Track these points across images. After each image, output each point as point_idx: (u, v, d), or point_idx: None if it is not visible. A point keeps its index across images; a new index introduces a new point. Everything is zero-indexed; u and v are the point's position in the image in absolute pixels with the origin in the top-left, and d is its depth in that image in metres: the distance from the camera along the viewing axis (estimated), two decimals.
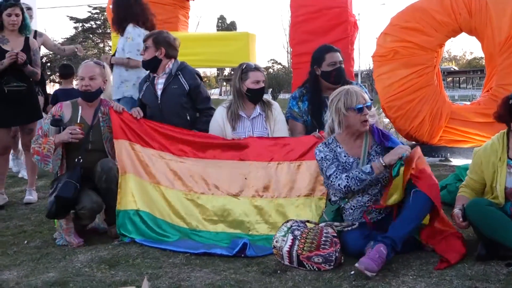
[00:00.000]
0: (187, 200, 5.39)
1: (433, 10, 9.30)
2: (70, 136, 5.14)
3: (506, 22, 9.06)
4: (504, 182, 4.52)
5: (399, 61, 9.32)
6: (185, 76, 5.98)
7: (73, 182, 5.06)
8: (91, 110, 5.44)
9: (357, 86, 4.85)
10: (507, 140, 4.62)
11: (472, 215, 4.43)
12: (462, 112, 9.64)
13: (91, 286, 4.09)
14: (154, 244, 5.03)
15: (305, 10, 9.38)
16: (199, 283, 4.11)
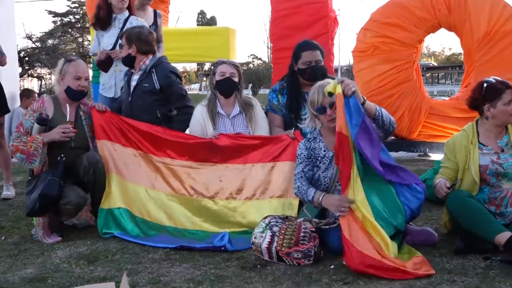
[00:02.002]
0: (168, 200, 5.39)
1: (413, 6, 9.35)
2: (62, 135, 5.11)
3: (485, 18, 9.13)
4: (477, 162, 4.60)
5: (379, 56, 9.36)
6: (158, 74, 5.91)
7: (56, 179, 5.01)
8: (73, 108, 5.40)
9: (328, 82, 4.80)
10: (476, 127, 4.74)
11: (452, 206, 4.49)
12: (441, 107, 9.71)
13: (69, 282, 4.06)
14: (134, 239, 5.02)
15: (286, 5, 9.40)
16: (178, 278, 4.10)
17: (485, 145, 4.67)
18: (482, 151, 4.65)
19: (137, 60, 5.95)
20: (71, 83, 5.33)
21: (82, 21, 46.56)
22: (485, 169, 4.60)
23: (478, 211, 4.37)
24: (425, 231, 4.75)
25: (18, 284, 4.05)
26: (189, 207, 5.35)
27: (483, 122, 4.72)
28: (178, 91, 6.03)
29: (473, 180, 4.60)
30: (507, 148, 4.63)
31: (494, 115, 4.60)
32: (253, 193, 5.32)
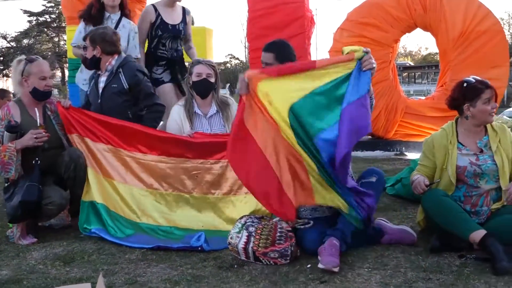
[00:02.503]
0: (140, 195, 5.39)
1: (389, 6, 9.42)
2: (35, 140, 5.05)
3: (460, 18, 9.22)
4: (455, 162, 4.64)
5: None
6: (125, 73, 5.83)
7: (35, 184, 4.97)
8: (39, 108, 5.35)
9: None
10: (455, 127, 4.77)
11: (427, 205, 4.52)
12: (417, 106, 9.79)
13: (45, 283, 4.04)
14: (111, 238, 5.01)
15: (262, 5, 9.40)
16: (155, 279, 4.09)
17: (464, 146, 4.70)
18: (461, 152, 4.67)
19: (103, 61, 5.87)
20: (36, 84, 5.23)
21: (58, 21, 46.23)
22: (463, 171, 4.62)
23: (453, 210, 4.40)
24: (403, 230, 4.79)
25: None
26: (162, 202, 5.35)
27: (463, 122, 4.74)
28: (146, 90, 5.94)
29: (450, 180, 4.64)
30: (486, 149, 4.65)
31: (473, 115, 4.64)
32: (229, 189, 5.35)
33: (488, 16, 9.34)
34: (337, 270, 4.05)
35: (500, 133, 4.69)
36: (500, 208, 4.60)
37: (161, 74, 6.95)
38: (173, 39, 7.04)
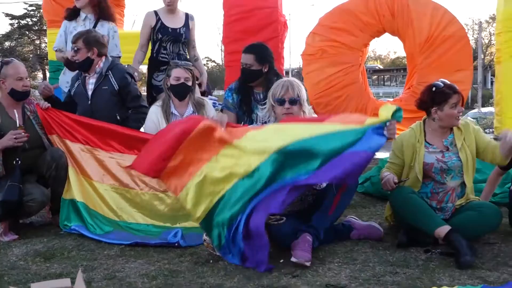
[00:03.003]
0: (117, 193, 5.38)
1: (359, 11, 9.44)
2: (14, 141, 5.03)
3: (426, 24, 9.28)
4: (422, 159, 4.70)
5: (327, 59, 9.43)
6: (115, 75, 5.85)
7: (16, 184, 4.96)
8: (18, 109, 5.31)
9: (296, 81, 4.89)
10: (423, 126, 4.83)
11: (395, 202, 4.57)
12: None
13: (26, 278, 4.01)
14: (90, 235, 5.00)
15: (237, 10, 9.39)
16: (133, 274, 4.08)
17: (431, 144, 4.75)
18: (428, 150, 4.74)
19: (94, 63, 5.86)
20: (14, 85, 5.21)
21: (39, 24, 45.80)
22: (430, 167, 4.69)
23: (420, 207, 4.46)
24: (371, 226, 4.83)
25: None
26: (139, 201, 5.35)
27: (430, 122, 4.80)
28: (134, 92, 5.98)
29: (416, 177, 4.68)
30: (452, 146, 4.72)
31: (440, 118, 4.69)
32: None
33: (453, 22, 9.41)
34: (309, 264, 4.08)
35: (464, 130, 4.76)
36: (464, 204, 4.66)
37: (161, 81, 6.89)
38: (173, 43, 6.96)
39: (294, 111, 4.76)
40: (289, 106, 4.73)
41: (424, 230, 4.41)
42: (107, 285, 3.88)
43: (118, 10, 9.79)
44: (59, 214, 5.26)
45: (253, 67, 5.63)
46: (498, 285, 3.74)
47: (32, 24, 47.46)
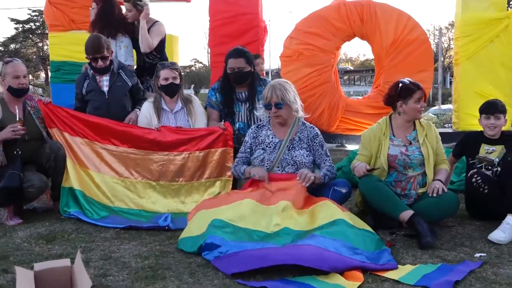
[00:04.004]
0: (112, 182, 5.36)
1: (331, 17, 9.48)
2: (12, 133, 5.01)
3: (392, 29, 9.34)
4: (387, 151, 4.71)
5: (303, 61, 9.46)
6: (127, 74, 5.91)
7: (16, 172, 4.94)
8: (19, 104, 5.28)
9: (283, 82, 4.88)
10: (389, 121, 4.84)
11: (364, 189, 4.57)
12: (355, 105, 9.89)
13: (29, 259, 3.98)
14: (88, 219, 4.98)
15: (222, 15, 9.39)
16: (127, 254, 4.06)
17: (396, 138, 4.77)
18: (393, 143, 4.75)
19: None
20: (11, 83, 5.18)
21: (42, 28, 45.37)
22: (394, 159, 4.69)
23: (386, 193, 4.47)
24: None
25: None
26: (132, 189, 5.35)
27: (396, 117, 4.82)
28: (140, 88, 6.12)
29: (382, 167, 4.69)
30: (414, 141, 4.74)
31: (405, 111, 4.71)
32: (191, 177, 5.39)
33: (416, 27, 9.47)
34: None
35: (427, 128, 4.79)
36: (425, 192, 4.67)
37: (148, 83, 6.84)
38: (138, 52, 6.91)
39: (282, 113, 4.74)
40: (275, 110, 4.72)
41: (390, 214, 4.42)
42: (104, 264, 3.85)
43: None
44: (59, 201, 5.24)
45: (245, 69, 5.63)
46: (455, 263, 3.76)
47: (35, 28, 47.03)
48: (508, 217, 4.31)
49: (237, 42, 7.12)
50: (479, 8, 9.68)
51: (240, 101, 5.72)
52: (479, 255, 3.93)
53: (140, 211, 5.16)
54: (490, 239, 4.20)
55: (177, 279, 3.53)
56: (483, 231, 4.49)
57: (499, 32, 9.60)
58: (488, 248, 4.09)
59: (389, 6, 9.48)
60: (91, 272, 3.66)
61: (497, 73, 9.62)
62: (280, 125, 4.83)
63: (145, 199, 5.27)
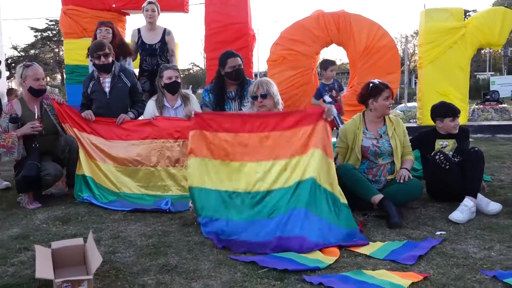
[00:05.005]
0: (117, 171, 5.36)
1: (311, 26, 9.45)
2: (31, 129, 5.03)
3: (364, 37, 9.33)
4: (360, 143, 4.74)
5: (287, 64, 9.43)
6: (127, 76, 5.86)
7: (34, 162, 4.96)
8: (37, 103, 5.27)
9: (268, 78, 4.90)
10: (363, 117, 4.86)
11: (341, 175, 4.55)
12: None
13: (47, 238, 3.97)
14: (98, 203, 4.98)
15: (216, 25, 9.35)
16: (133, 234, 4.06)
17: (369, 131, 4.79)
18: (366, 136, 4.77)
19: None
20: (32, 84, 5.19)
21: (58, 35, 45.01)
22: (367, 149, 4.72)
23: (359, 179, 4.49)
24: None
25: (6, 241, 3.93)
26: (134, 176, 5.34)
27: (368, 113, 4.85)
28: (139, 89, 6.06)
29: (357, 157, 4.72)
30: (384, 135, 4.77)
31: (376, 108, 4.74)
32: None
33: (385, 35, 9.46)
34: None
35: (395, 124, 4.82)
36: (394, 178, 4.70)
37: (143, 84, 6.79)
38: (151, 56, 6.84)
39: (267, 103, 4.76)
40: (261, 100, 4.74)
41: (363, 197, 4.44)
42: (113, 243, 3.84)
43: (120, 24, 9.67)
44: (74, 187, 5.24)
45: (241, 66, 5.67)
46: (419, 240, 3.79)
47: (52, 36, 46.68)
48: (466, 199, 4.34)
49: (229, 48, 7.09)
50: (440, 19, 9.71)
51: (230, 99, 5.73)
52: (439, 233, 3.96)
53: (142, 195, 5.15)
54: (450, 219, 4.22)
55: (177, 255, 3.53)
56: (443, 212, 4.52)
57: (457, 39, 9.64)
58: (448, 227, 4.12)
59: (362, 17, 9.47)
60: (102, 249, 3.66)
61: (455, 75, 9.66)
62: None
63: (146, 184, 5.27)
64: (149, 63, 6.82)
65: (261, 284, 3.01)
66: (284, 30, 9.71)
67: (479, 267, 3.24)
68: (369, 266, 3.29)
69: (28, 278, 3.15)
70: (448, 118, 4.93)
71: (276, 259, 3.36)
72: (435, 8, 10.06)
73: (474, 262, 3.33)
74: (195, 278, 3.13)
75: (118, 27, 9.85)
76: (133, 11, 9.74)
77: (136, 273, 3.23)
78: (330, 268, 3.26)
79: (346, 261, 3.39)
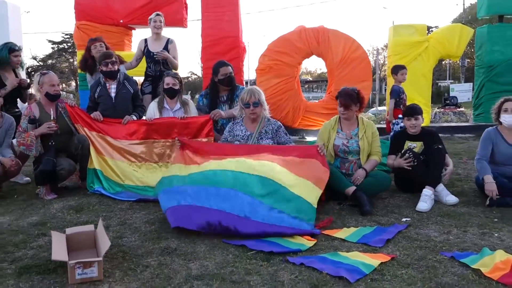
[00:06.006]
0: (123, 166, 5.33)
1: (295, 40, 9.48)
2: (48, 129, 5.02)
3: (341, 49, 9.37)
4: (333, 141, 4.76)
5: (273, 73, 9.45)
6: (130, 83, 5.83)
7: (50, 158, 4.95)
8: (53, 106, 5.25)
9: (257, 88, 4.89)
10: (339, 120, 4.87)
11: None
12: (313, 107, 9.91)
13: (62, 225, 3.95)
14: (107, 194, 4.96)
15: (211, 38, 9.39)
16: (139, 221, 4.05)
17: (343, 131, 4.80)
18: (339, 135, 4.78)
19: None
20: (48, 89, 5.17)
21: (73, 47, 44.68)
22: (337, 148, 4.74)
23: (335, 173, 4.47)
24: None
25: (26, 227, 3.92)
26: (139, 171, 5.31)
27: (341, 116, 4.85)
28: (139, 95, 6.02)
29: (330, 154, 4.73)
30: (355, 136, 4.76)
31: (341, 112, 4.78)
32: None
33: (359, 48, 9.51)
34: None
35: (366, 126, 4.81)
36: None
37: (146, 87, 6.78)
38: (155, 63, 6.78)
39: (257, 111, 4.75)
40: (253, 108, 4.72)
41: (338, 189, 4.45)
42: (120, 229, 3.83)
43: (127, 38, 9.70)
44: (86, 180, 5.22)
45: (232, 73, 5.66)
46: (388, 226, 3.81)
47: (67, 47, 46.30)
48: (425, 189, 4.40)
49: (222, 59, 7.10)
50: (406, 34, 9.76)
51: (222, 102, 5.72)
52: (405, 219, 3.98)
53: (145, 187, 5.12)
54: (417, 210, 4.23)
55: (177, 240, 3.52)
56: (408, 201, 4.55)
57: (421, 52, 9.70)
58: (412, 214, 4.15)
59: (338, 32, 9.51)
60: (110, 235, 3.64)
61: (419, 83, 9.71)
62: (251, 121, 4.82)
63: (148, 178, 5.23)
64: (153, 69, 6.79)
65: (250, 264, 3.02)
66: (271, 43, 9.73)
67: (439, 249, 3.27)
68: (344, 249, 3.30)
69: (45, 260, 3.14)
70: (406, 118, 4.96)
71: (263, 243, 3.37)
72: (402, 25, 10.12)
73: (435, 244, 3.35)
74: (192, 260, 3.13)
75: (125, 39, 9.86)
76: (138, 26, 9.72)
77: (141, 255, 3.23)
78: (310, 250, 3.27)
79: (324, 244, 3.40)
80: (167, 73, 5.81)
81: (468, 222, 3.89)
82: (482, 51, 10.21)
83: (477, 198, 4.62)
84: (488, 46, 9.97)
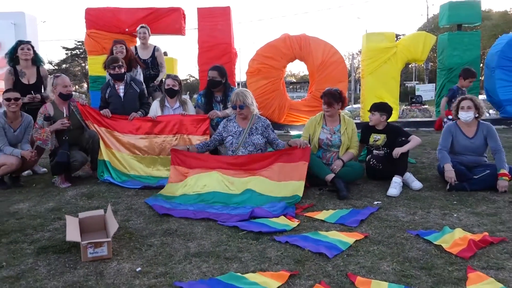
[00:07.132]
0: (128, 158, 5.27)
1: (280, 45, 9.44)
2: (61, 126, 4.98)
3: (320, 54, 9.36)
4: (318, 135, 4.75)
5: (261, 75, 9.40)
6: (136, 84, 5.78)
7: (65, 151, 4.92)
8: (66, 105, 5.20)
9: (244, 90, 4.83)
10: (324, 116, 4.86)
11: None
12: (297, 105, 9.88)
13: (76, 210, 3.92)
14: (115, 182, 4.92)
15: (206, 44, 9.34)
16: (143, 206, 4.03)
17: (327, 127, 4.79)
18: (323, 130, 4.77)
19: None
20: (61, 90, 5.11)
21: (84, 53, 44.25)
22: (321, 141, 4.73)
23: (317, 162, 4.49)
24: None
25: (43, 213, 3.89)
26: (142, 162, 5.25)
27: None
28: (145, 94, 5.97)
29: (315, 146, 4.72)
30: (337, 132, 4.75)
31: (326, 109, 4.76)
32: None
33: (336, 53, 9.49)
34: None
35: (347, 123, 4.81)
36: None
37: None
38: (145, 68, 6.83)
39: (244, 111, 4.69)
40: (239, 110, 4.68)
41: (319, 176, 4.45)
42: (127, 213, 3.82)
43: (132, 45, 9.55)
44: (97, 170, 5.17)
45: (217, 78, 5.57)
46: (361, 208, 3.82)
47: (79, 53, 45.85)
48: (395, 177, 4.41)
49: (217, 62, 7.06)
50: (377, 40, 9.74)
51: (217, 102, 5.68)
52: (376, 203, 4.00)
53: (148, 176, 5.08)
54: (388, 195, 4.24)
55: (177, 222, 3.52)
56: (379, 187, 4.56)
57: (390, 56, 9.68)
58: (383, 198, 4.17)
59: (318, 39, 9.47)
60: (118, 218, 3.63)
61: (389, 83, 9.71)
62: (242, 119, 4.79)
63: (151, 168, 5.20)
64: (144, 72, 6.83)
65: (241, 243, 3.02)
66: (259, 48, 9.67)
67: (406, 228, 3.29)
68: (323, 228, 3.31)
69: (61, 241, 3.12)
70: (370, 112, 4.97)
71: (253, 224, 3.37)
72: (374, 33, 10.10)
73: (402, 224, 3.37)
74: (190, 239, 3.12)
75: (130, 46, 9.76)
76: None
77: (145, 236, 3.21)
78: (294, 230, 3.28)
79: (306, 225, 3.41)
80: (168, 74, 5.79)
81: (431, 204, 3.91)
82: (443, 55, 10.24)
83: (438, 183, 4.65)
84: (448, 51, 10.00)
